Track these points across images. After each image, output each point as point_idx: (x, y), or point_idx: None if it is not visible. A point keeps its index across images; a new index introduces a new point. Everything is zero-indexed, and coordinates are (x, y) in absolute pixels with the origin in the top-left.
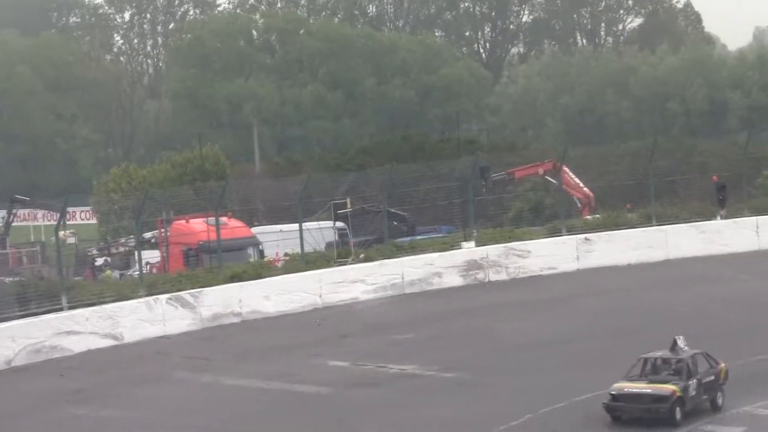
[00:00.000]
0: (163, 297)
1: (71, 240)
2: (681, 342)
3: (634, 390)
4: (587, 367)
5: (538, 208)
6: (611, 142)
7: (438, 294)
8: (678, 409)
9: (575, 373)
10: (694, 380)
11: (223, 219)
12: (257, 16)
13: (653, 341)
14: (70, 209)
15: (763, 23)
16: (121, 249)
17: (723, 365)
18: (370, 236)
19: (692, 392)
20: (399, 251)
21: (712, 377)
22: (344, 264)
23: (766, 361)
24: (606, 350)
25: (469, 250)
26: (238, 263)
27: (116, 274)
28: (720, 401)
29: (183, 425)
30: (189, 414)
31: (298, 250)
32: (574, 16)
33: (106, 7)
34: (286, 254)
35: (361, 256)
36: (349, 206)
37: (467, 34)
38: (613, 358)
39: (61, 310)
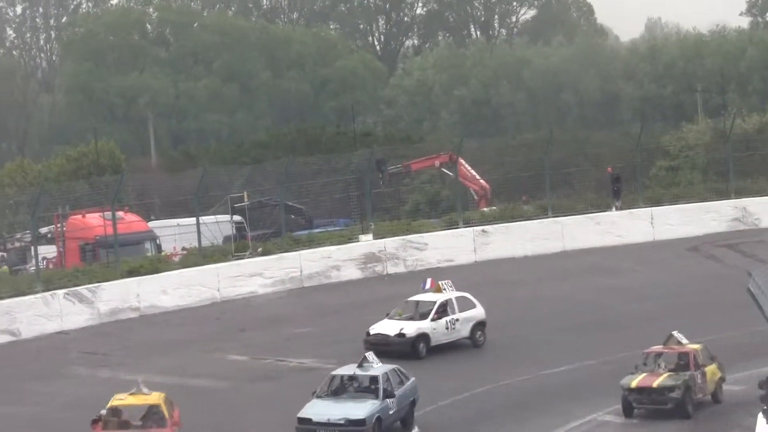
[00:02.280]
0: (61, 292)
1: None
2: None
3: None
4: (479, 361)
5: (434, 200)
6: (507, 134)
7: (336, 287)
8: None
9: (470, 366)
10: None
11: (120, 213)
12: (151, 10)
13: (547, 331)
14: None
15: (654, 14)
16: (17, 244)
17: None
18: (267, 230)
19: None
20: (297, 245)
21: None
22: (242, 258)
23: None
24: (500, 342)
25: (366, 243)
26: (135, 258)
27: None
28: None
29: (75, 420)
30: (83, 409)
31: (195, 244)
32: (468, 8)
33: None
34: (183, 248)
35: (259, 249)
36: (246, 200)
37: (361, 26)
38: (507, 350)
39: None
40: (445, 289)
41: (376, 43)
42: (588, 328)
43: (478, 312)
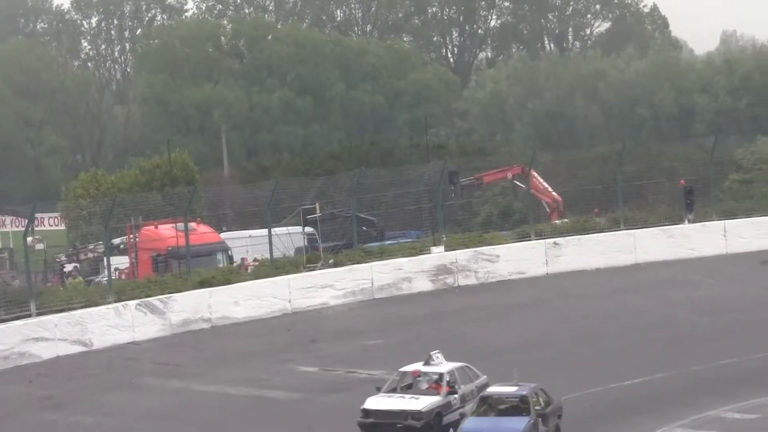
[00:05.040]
0: (132, 303)
1: (39, 246)
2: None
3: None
4: (556, 372)
5: (506, 212)
6: (580, 147)
7: (407, 299)
8: None
9: (544, 379)
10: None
11: (192, 225)
12: (225, 22)
13: (618, 346)
14: (38, 215)
15: (729, 27)
16: (90, 255)
17: None
18: (339, 241)
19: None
20: (368, 256)
21: None
22: (313, 269)
23: (730, 366)
24: (573, 355)
25: (438, 255)
26: (207, 269)
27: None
28: None
29: (148, 430)
30: (158, 420)
31: (267, 255)
32: (542, 20)
33: (74, 13)
34: (255, 260)
35: (331, 261)
36: (318, 211)
37: (435, 39)
38: (580, 364)
39: (29, 316)
40: None
41: (449, 55)
42: (660, 341)
43: None
